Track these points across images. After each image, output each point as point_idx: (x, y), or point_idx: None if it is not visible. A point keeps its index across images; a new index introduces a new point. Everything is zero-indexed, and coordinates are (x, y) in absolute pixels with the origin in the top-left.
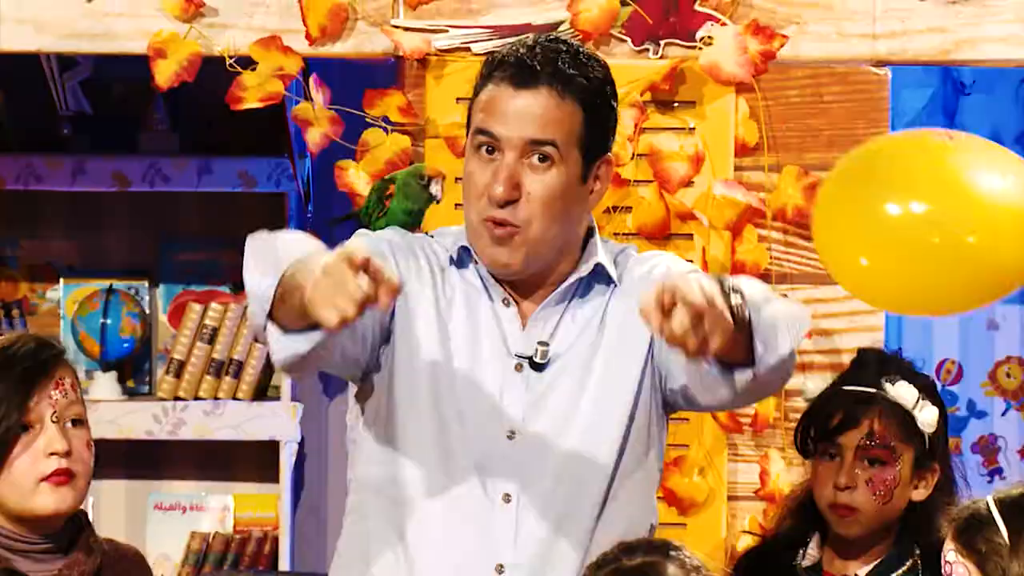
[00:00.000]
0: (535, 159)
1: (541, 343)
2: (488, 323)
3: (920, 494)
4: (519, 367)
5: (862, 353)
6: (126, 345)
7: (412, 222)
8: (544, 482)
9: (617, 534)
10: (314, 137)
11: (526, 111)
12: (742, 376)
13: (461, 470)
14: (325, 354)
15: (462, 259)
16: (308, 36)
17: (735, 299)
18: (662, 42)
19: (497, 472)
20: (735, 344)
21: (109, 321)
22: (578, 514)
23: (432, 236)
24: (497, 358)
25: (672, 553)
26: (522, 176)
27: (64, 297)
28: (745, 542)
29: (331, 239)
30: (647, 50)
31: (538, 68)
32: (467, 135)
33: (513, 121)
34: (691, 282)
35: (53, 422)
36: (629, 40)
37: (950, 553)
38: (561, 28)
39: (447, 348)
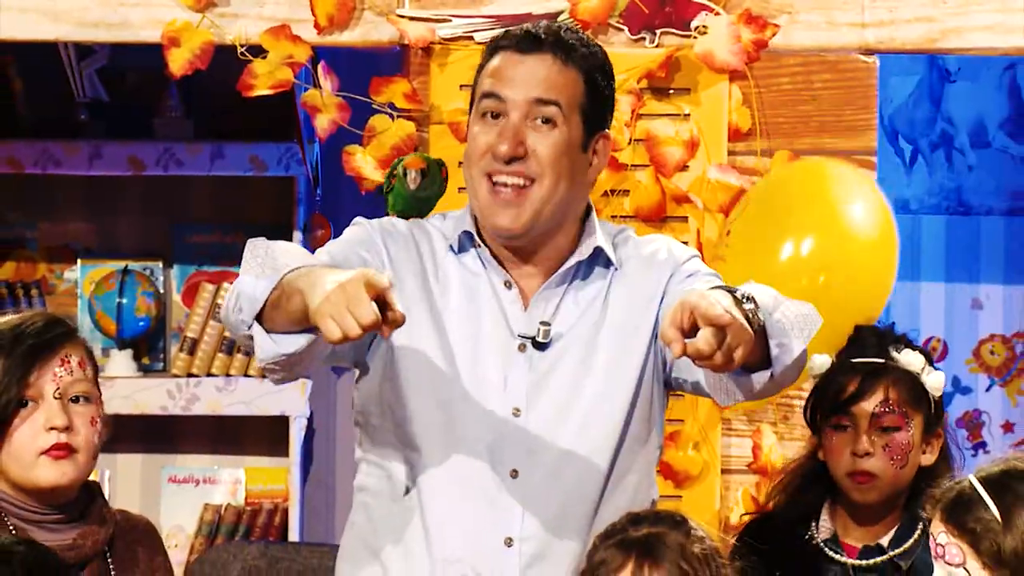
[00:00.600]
0: (539, 120)
1: (543, 323)
2: (490, 305)
3: (928, 459)
4: (522, 347)
5: (859, 329)
6: (141, 324)
7: (421, 207)
8: (550, 458)
9: (622, 508)
10: (322, 123)
11: (531, 74)
12: (760, 378)
13: (468, 448)
14: (308, 357)
15: (463, 244)
16: (316, 25)
17: (749, 307)
18: (658, 31)
19: (504, 449)
20: (753, 349)
21: (125, 301)
22: (584, 489)
23: (433, 221)
24: (500, 338)
25: (678, 523)
26: (527, 135)
27: (81, 277)
28: (740, 513)
29: (337, 223)
30: (644, 39)
31: (542, 36)
32: (470, 109)
33: (519, 83)
34: (708, 298)
35: (55, 398)
36: (626, 29)
37: (941, 535)
38: (561, 17)
39: (447, 332)
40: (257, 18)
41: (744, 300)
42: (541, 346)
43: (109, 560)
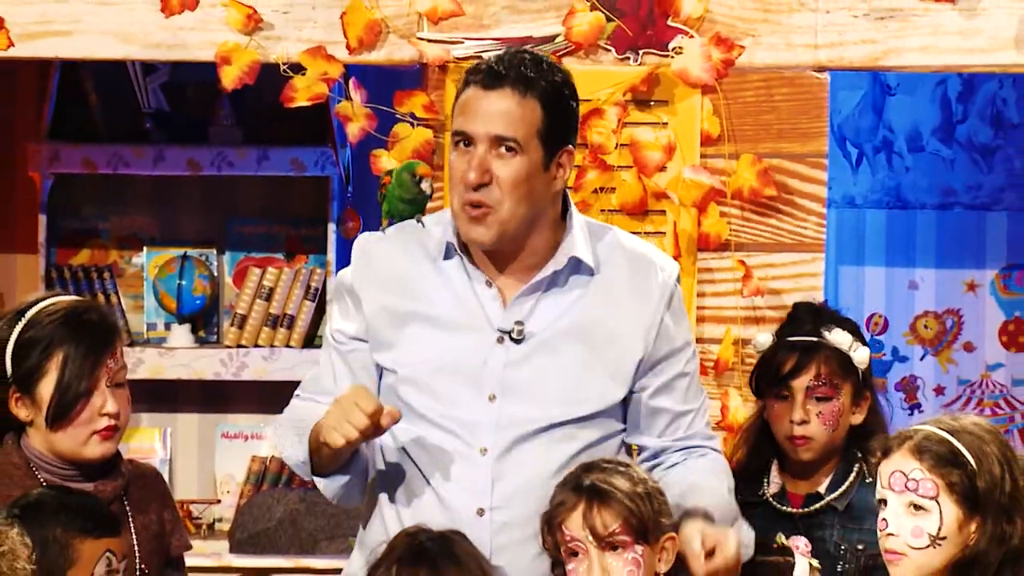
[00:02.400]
0: (502, 149)
1: (517, 322)
2: (472, 303)
3: (858, 418)
4: (500, 339)
5: (796, 307)
6: (198, 302)
7: (410, 210)
8: (518, 438)
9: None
10: (353, 130)
11: (492, 110)
12: None
13: (447, 429)
14: (355, 478)
15: (448, 252)
16: (348, 46)
17: (746, 553)
18: (640, 51)
19: (477, 430)
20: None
21: (184, 282)
22: (548, 467)
23: (425, 224)
24: (481, 332)
25: (622, 469)
26: (491, 164)
27: (147, 262)
28: None
29: (366, 216)
30: (628, 58)
31: (503, 72)
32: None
33: (482, 119)
34: (730, 537)
35: (108, 387)
36: (613, 50)
37: (915, 471)
38: (557, 40)
39: (434, 326)
40: (297, 40)
41: (743, 546)
42: (517, 341)
43: (125, 503)
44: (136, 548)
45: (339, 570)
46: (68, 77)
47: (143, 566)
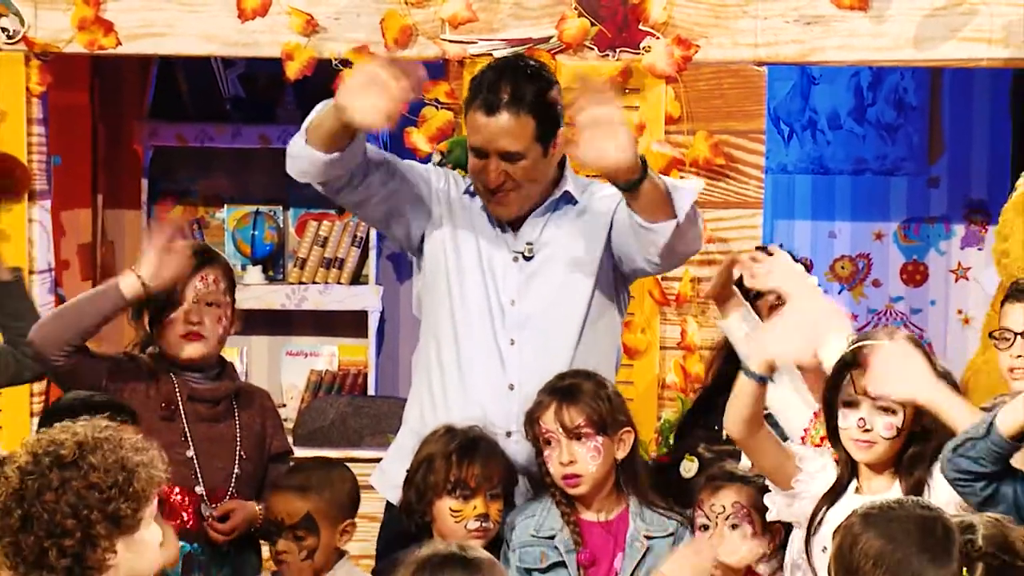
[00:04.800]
0: (511, 158)
1: (528, 244)
2: (493, 232)
3: None
4: (516, 259)
5: (759, 249)
6: (267, 248)
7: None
8: (536, 331)
9: (591, 363)
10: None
11: (495, 131)
12: (667, 227)
13: (479, 326)
14: (346, 164)
15: (472, 193)
16: (386, 45)
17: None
18: (617, 50)
19: (504, 327)
20: (659, 205)
21: (256, 232)
22: (561, 350)
23: (458, 174)
24: (501, 254)
25: (590, 376)
26: (504, 166)
27: (227, 217)
28: (672, 378)
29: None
30: (608, 55)
31: (501, 99)
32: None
33: (489, 139)
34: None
35: (194, 303)
36: (596, 48)
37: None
38: (551, 40)
39: (462, 249)
40: (345, 40)
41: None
42: (528, 258)
43: (234, 404)
44: (239, 439)
45: (379, 459)
46: (164, 69)
47: (243, 454)
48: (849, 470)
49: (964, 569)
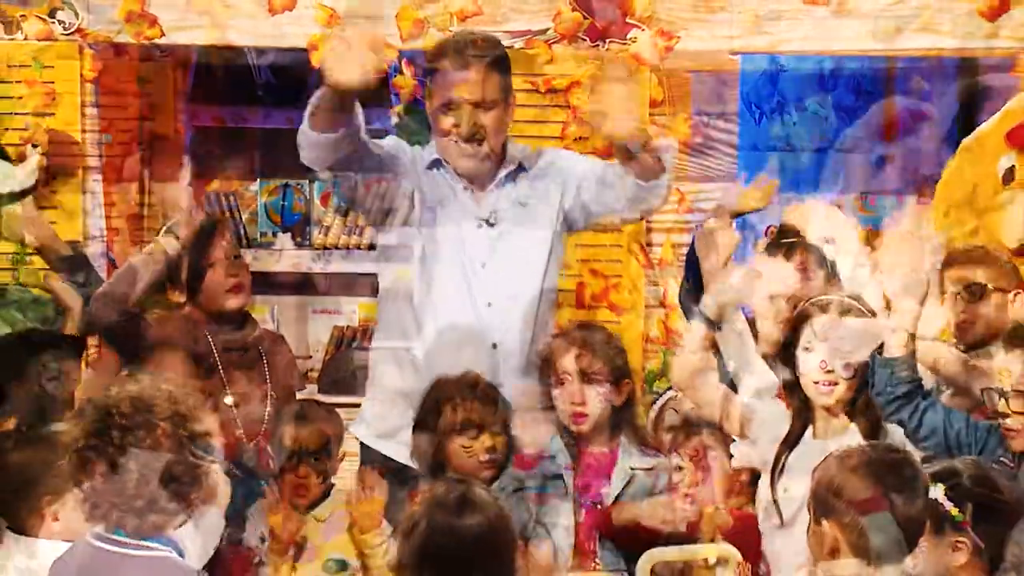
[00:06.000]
0: (481, 108)
1: (492, 212)
2: (458, 201)
3: None
4: (480, 225)
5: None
6: (296, 217)
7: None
8: (505, 285)
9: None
10: (404, 95)
11: (472, 82)
12: (660, 185)
13: (456, 289)
14: (348, 146)
15: (436, 164)
16: (400, 37)
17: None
18: (607, 40)
19: (478, 286)
20: (651, 167)
21: (286, 203)
22: (528, 307)
23: (420, 148)
24: (468, 221)
25: (601, 328)
26: (477, 115)
27: (259, 189)
28: (655, 333)
29: None
30: (598, 45)
31: (471, 55)
32: (428, 97)
33: (462, 91)
34: None
35: (225, 259)
36: (588, 39)
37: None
38: (547, 32)
39: (436, 217)
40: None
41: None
42: (492, 224)
43: (261, 349)
44: (269, 378)
45: None
46: (203, 57)
47: (274, 395)
48: (802, 418)
49: (956, 508)
